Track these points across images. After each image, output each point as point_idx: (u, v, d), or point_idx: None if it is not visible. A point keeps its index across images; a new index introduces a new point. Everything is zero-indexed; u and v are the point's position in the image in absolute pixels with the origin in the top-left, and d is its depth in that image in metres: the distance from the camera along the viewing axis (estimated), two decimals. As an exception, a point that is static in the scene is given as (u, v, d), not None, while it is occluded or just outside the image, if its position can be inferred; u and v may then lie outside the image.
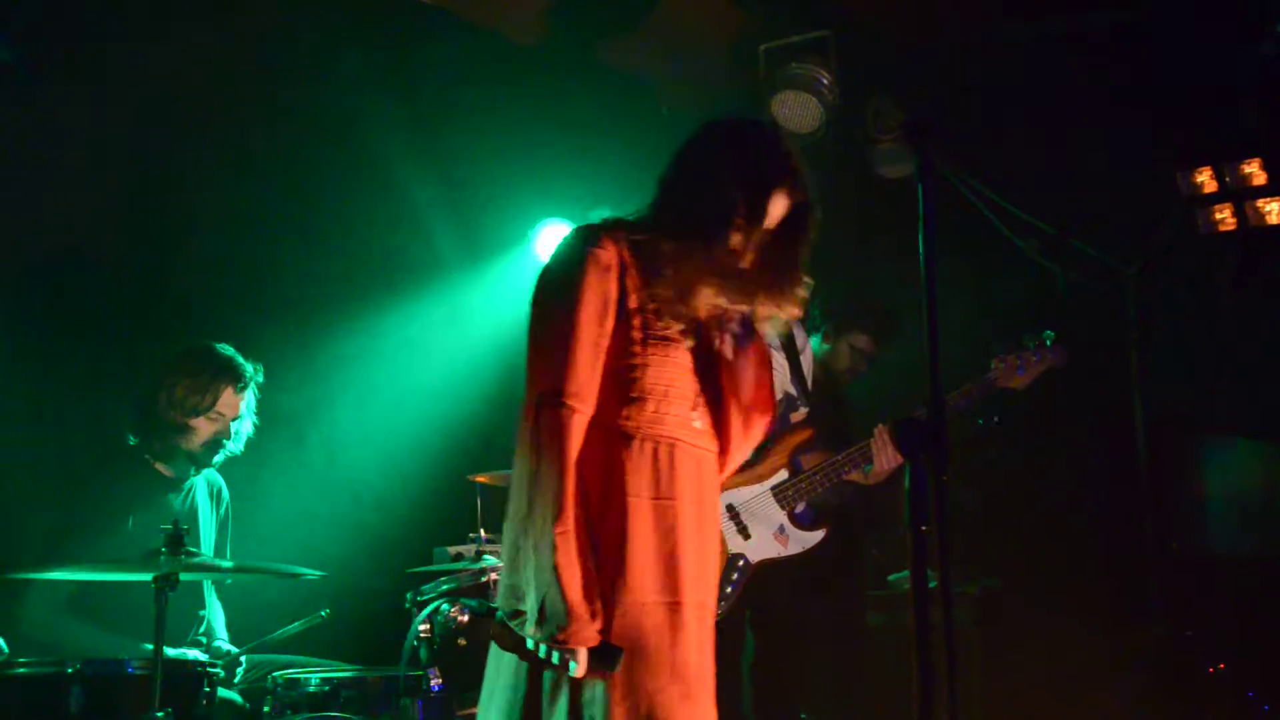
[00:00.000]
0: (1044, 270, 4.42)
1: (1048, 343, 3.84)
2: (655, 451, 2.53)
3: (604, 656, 2.38)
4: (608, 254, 2.53)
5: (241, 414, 3.97)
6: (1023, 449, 4.94)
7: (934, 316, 2.44)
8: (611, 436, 2.50)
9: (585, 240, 2.55)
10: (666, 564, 2.50)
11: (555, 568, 2.34)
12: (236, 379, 3.93)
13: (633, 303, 2.54)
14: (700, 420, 2.61)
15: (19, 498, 4.03)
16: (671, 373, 2.57)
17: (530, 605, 2.37)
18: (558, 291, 2.53)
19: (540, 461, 2.40)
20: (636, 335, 2.53)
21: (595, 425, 2.48)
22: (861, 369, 4.54)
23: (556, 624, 2.34)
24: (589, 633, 2.37)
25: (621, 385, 2.52)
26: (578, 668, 2.37)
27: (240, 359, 3.98)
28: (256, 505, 4.36)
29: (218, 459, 3.99)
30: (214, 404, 3.89)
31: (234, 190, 4.71)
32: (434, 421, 5.11)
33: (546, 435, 2.42)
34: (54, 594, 3.67)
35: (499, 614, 2.42)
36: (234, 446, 4.01)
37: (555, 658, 2.36)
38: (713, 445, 2.66)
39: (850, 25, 4.85)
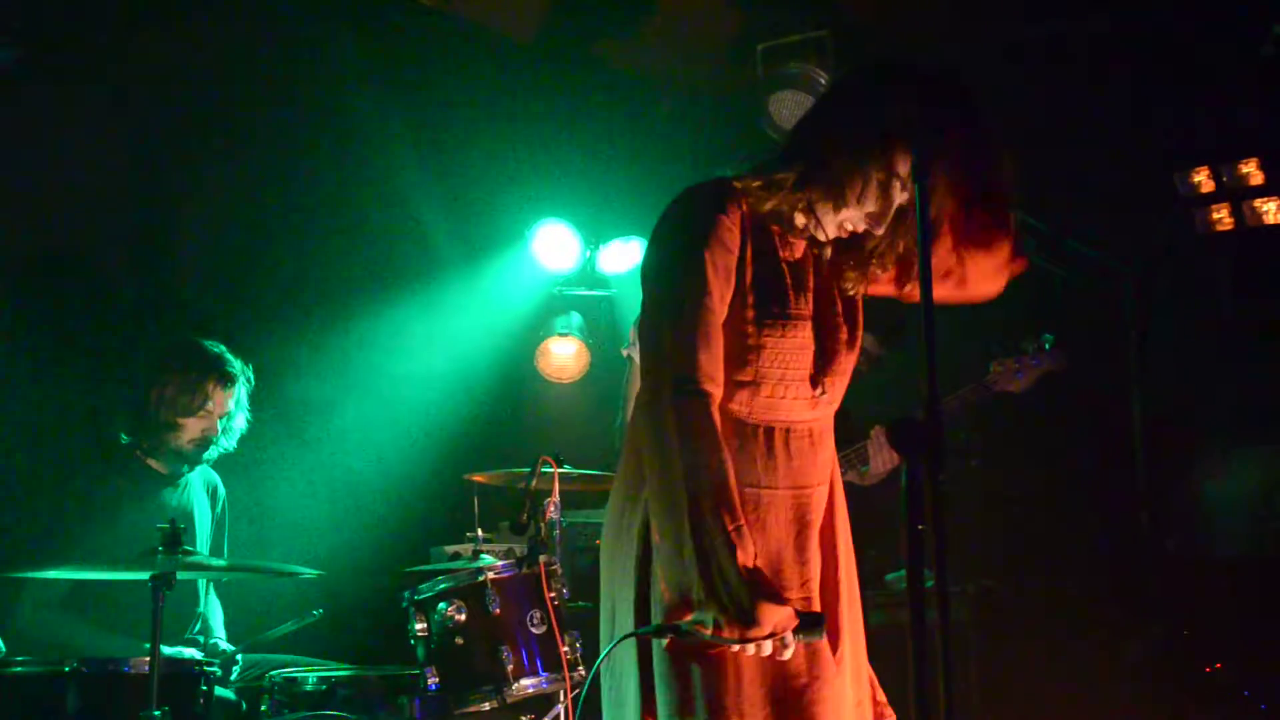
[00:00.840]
0: (1041, 270, 4.42)
1: (1046, 347, 3.83)
2: (770, 436, 2.38)
3: (808, 629, 2.27)
4: (734, 221, 2.31)
5: (231, 410, 3.96)
6: (1021, 448, 4.94)
7: (930, 316, 2.43)
8: (724, 423, 2.30)
9: (716, 204, 2.32)
10: (789, 556, 2.38)
11: (736, 568, 2.18)
12: (226, 376, 3.93)
13: (750, 276, 2.34)
14: (823, 389, 2.43)
15: (16, 495, 4.03)
16: (790, 356, 2.37)
17: (713, 610, 2.18)
18: (686, 262, 2.28)
19: (688, 452, 2.21)
20: (751, 314, 2.33)
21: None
22: (863, 370, 4.54)
23: (749, 625, 2.18)
24: (785, 617, 2.22)
25: (734, 367, 2.32)
26: (789, 651, 2.25)
27: (229, 355, 3.97)
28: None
29: (210, 455, 3.99)
30: (205, 403, 3.88)
31: (230, 188, 4.71)
32: (431, 420, 5.11)
33: (696, 424, 2.21)
34: (49, 592, 3.66)
35: (683, 626, 2.22)
36: (226, 443, 4.00)
37: (767, 647, 2.22)
38: (833, 408, 2.50)
39: (848, 25, 4.85)
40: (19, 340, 4.16)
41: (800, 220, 2.39)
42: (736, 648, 2.23)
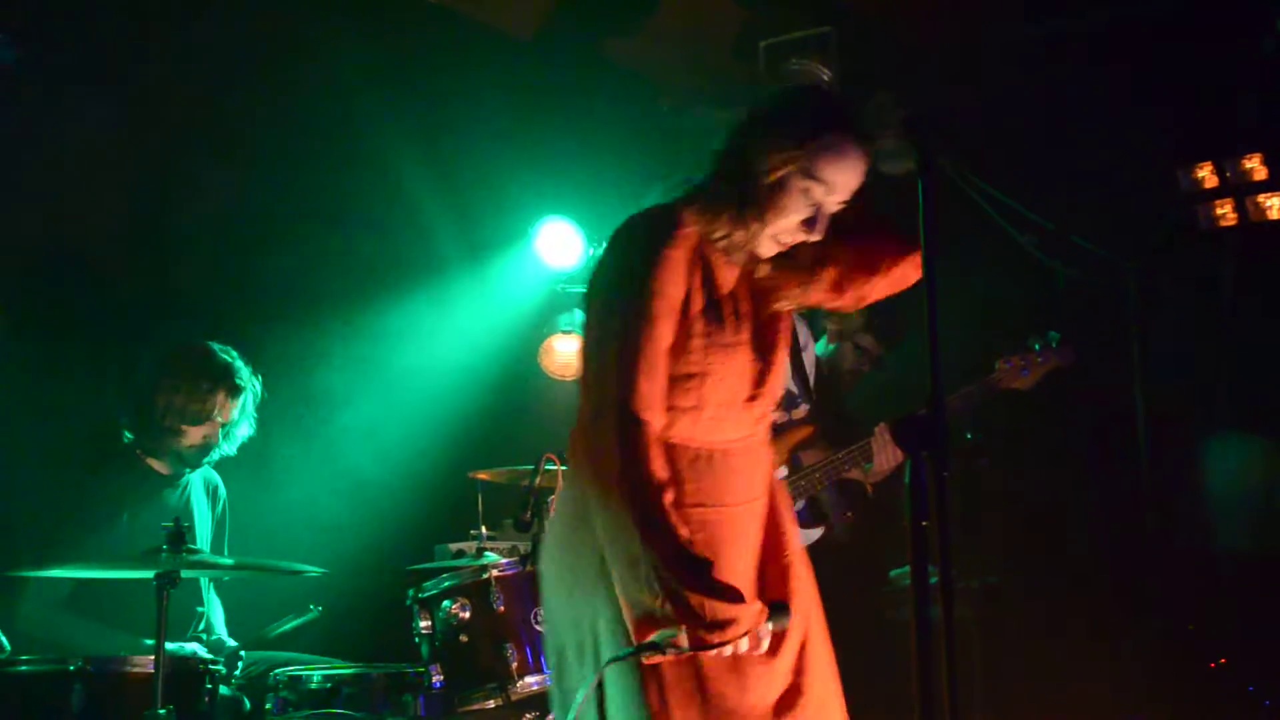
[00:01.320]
0: (1044, 266, 4.42)
1: (1053, 343, 3.82)
2: (712, 459, 2.45)
3: (778, 616, 2.35)
4: (683, 252, 2.40)
5: (234, 418, 3.96)
6: (1024, 444, 4.94)
7: (934, 313, 2.43)
8: (667, 450, 2.39)
9: (666, 235, 2.40)
10: (733, 574, 2.41)
11: (699, 574, 2.25)
12: (234, 387, 3.92)
13: (696, 306, 2.41)
14: (759, 406, 2.51)
15: (19, 494, 4.03)
16: (733, 380, 2.45)
17: (684, 620, 2.25)
18: (636, 292, 2.36)
19: (633, 471, 2.29)
20: (697, 343, 2.40)
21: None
22: (865, 369, 4.54)
23: (725, 628, 2.26)
24: (756, 612, 2.31)
25: (677, 393, 2.40)
26: (765, 643, 2.34)
27: (239, 365, 3.96)
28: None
29: (210, 458, 4.00)
30: (212, 412, 3.88)
31: (234, 186, 4.71)
32: (435, 417, 5.10)
33: (637, 446, 2.30)
34: (52, 591, 3.67)
35: (659, 641, 2.26)
36: (228, 448, 4.01)
37: (744, 644, 2.29)
38: (767, 421, 2.56)
39: (851, 21, 4.85)
40: (24, 338, 4.16)
41: (740, 240, 2.45)
42: (714, 652, 2.27)
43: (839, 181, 2.44)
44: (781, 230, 2.45)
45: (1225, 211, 4.46)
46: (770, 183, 2.40)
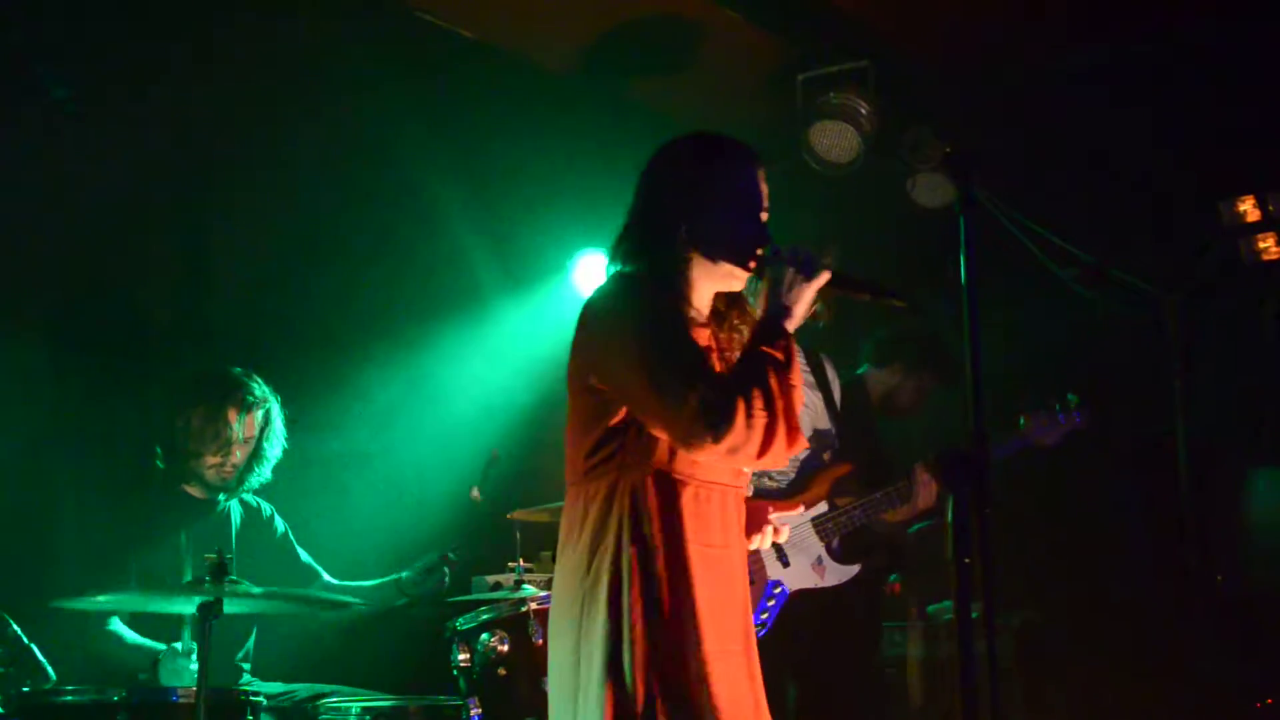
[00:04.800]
0: (1085, 300, 4.40)
1: (1072, 406, 3.87)
2: (709, 499, 2.52)
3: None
4: (664, 300, 2.52)
5: (255, 435, 3.98)
6: (1065, 480, 4.90)
7: (976, 348, 2.43)
8: (666, 483, 2.47)
9: (654, 290, 2.53)
10: (729, 611, 2.49)
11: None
12: (245, 403, 3.94)
13: None
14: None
15: (63, 524, 4.07)
16: None
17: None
18: (638, 314, 2.50)
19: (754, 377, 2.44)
20: None
21: (651, 471, 2.46)
22: (919, 408, 4.54)
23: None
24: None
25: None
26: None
27: (252, 382, 3.99)
28: (296, 532, 4.38)
29: (250, 484, 4.02)
30: (226, 430, 3.90)
31: (274, 218, 4.76)
32: (473, 448, 5.11)
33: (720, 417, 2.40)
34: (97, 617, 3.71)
35: None
36: (260, 470, 4.02)
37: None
38: (748, 477, 2.64)
39: (889, 56, 4.86)
40: (66, 366, 4.21)
41: (700, 290, 2.58)
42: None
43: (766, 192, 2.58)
44: (729, 275, 2.57)
45: (1268, 245, 4.42)
46: (708, 230, 2.55)
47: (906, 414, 4.52)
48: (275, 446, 4.05)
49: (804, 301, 2.49)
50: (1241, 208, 4.42)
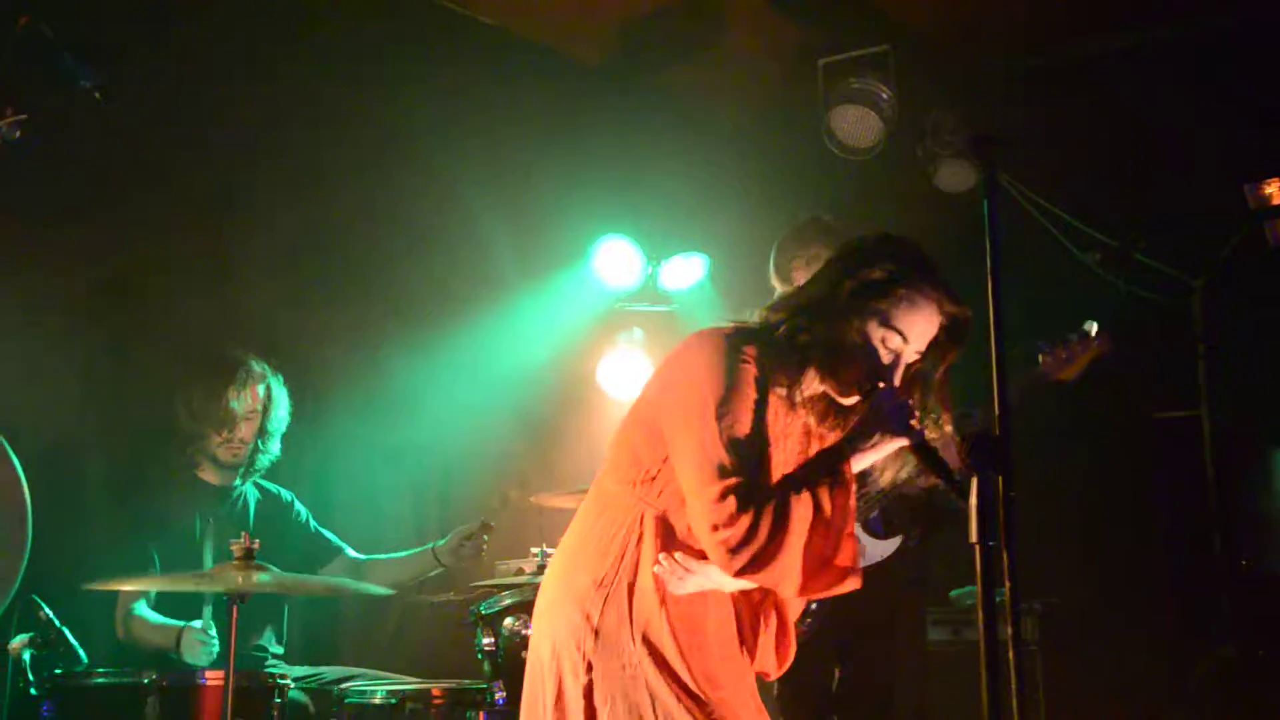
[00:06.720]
0: (1108, 284, 4.38)
1: (1091, 332, 3.85)
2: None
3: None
4: (749, 371, 2.45)
5: (259, 409, 4.01)
6: (1089, 465, 4.89)
7: (1000, 331, 2.43)
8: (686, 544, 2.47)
9: (734, 356, 2.46)
10: (710, 655, 2.51)
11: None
12: (244, 378, 3.99)
13: (745, 426, 2.44)
14: None
15: (92, 516, 4.11)
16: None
17: None
18: (713, 383, 2.43)
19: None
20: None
21: (668, 511, 2.48)
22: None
23: None
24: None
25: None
26: None
27: (250, 360, 4.04)
28: (320, 516, 4.41)
29: (260, 464, 4.06)
30: (228, 408, 3.95)
31: (298, 208, 4.78)
32: (494, 435, 5.14)
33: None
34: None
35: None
36: (267, 448, 4.06)
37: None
38: None
39: (910, 40, 4.84)
40: (96, 356, 4.24)
41: (795, 396, 2.50)
42: None
43: (916, 331, 2.49)
44: (833, 389, 2.50)
45: (1294, 229, 4.39)
46: (841, 334, 2.46)
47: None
48: (280, 421, 4.09)
49: (878, 449, 2.46)
50: (1267, 190, 4.39)
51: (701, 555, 2.43)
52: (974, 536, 2.29)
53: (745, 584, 2.47)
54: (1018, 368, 3.78)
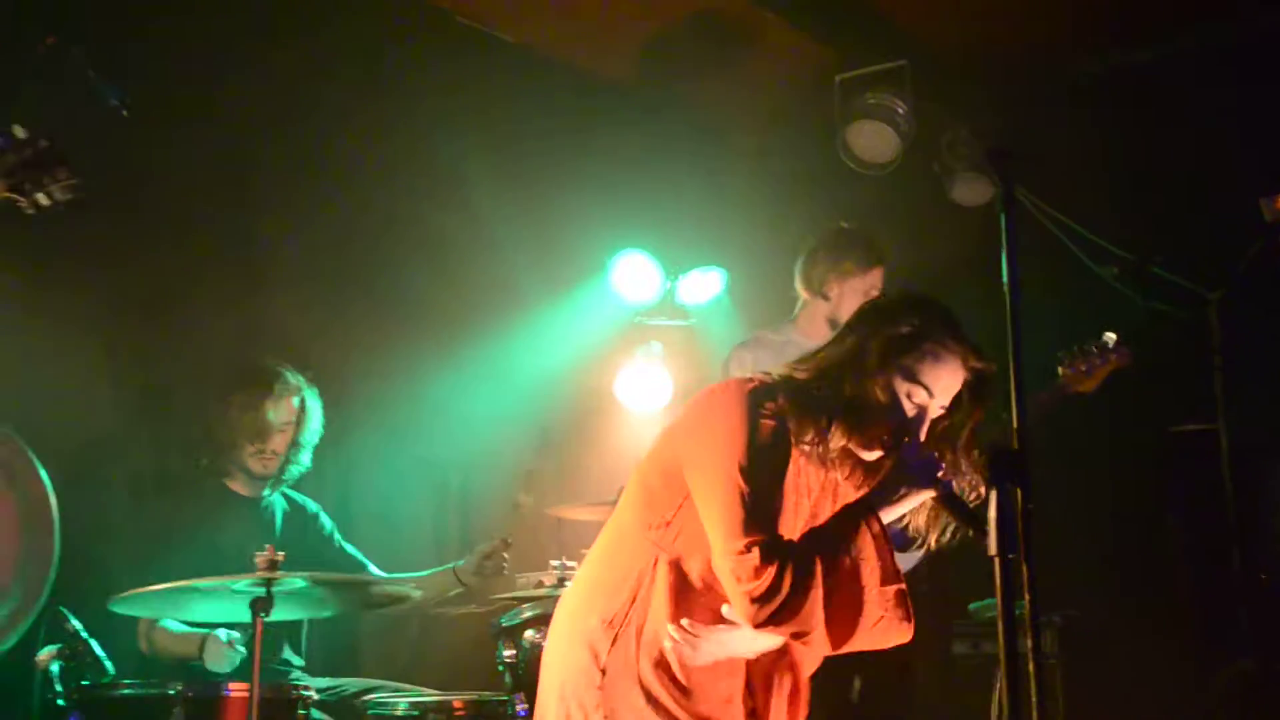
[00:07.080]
0: (1125, 298, 4.39)
1: (1110, 344, 3.86)
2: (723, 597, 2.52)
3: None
4: (769, 426, 2.44)
5: (293, 420, 4.04)
6: (1107, 479, 4.89)
7: (1018, 345, 2.45)
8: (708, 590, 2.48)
9: (756, 409, 2.45)
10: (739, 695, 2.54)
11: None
12: (280, 390, 4.01)
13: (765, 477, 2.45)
14: None
15: (119, 521, 4.14)
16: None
17: None
18: (731, 437, 2.43)
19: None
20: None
21: (682, 558, 2.49)
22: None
23: None
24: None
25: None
26: None
27: (288, 372, 4.06)
28: (345, 530, 4.44)
29: (290, 475, 4.08)
30: (264, 419, 3.97)
31: (321, 222, 4.81)
32: (512, 449, 5.16)
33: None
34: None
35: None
36: (298, 459, 4.08)
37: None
38: None
39: (926, 56, 4.87)
40: (120, 372, 4.28)
41: (822, 452, 2.48)
42: None
43: (941, 385, 2.48)
44: (857, 445, 2.48)
45: (1310, 242, 4.40)
46: (866, 391, 2.45)
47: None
48: (313, 434, 4.11)
49: (905, 502, 2.47)
50: (1283, 204, 4.40)
51: (714, 609, 2.45)
52: (993, 549, 2.30)
53: (764, 646, 2.48)
54: (1038, 381, 3.80)
